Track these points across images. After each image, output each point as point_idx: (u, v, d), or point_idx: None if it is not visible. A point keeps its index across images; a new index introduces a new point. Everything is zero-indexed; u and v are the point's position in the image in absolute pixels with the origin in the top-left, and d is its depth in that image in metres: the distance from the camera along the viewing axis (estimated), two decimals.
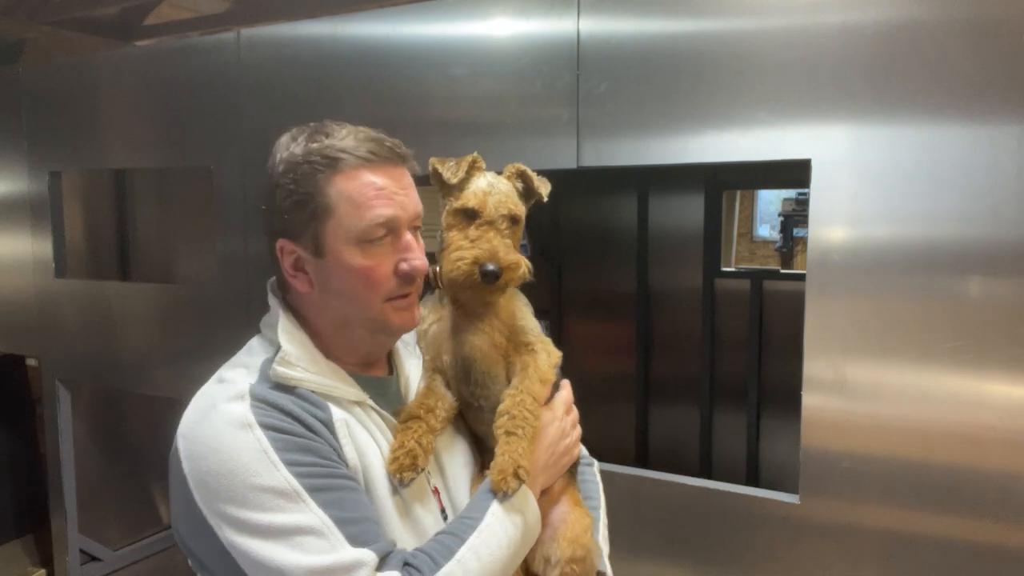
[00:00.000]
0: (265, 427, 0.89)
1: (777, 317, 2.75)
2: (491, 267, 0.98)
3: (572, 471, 1.15)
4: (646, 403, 2.93)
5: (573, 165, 1.67)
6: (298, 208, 0.95)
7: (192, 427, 0.93)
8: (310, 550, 0.85)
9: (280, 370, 0.95)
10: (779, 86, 1.45)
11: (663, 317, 2.93)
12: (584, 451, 1.24)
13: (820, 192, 1.43)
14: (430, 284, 1.06)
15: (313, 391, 0.96)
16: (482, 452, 1.12)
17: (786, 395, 2.67)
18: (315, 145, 0.96)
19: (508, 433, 0.98)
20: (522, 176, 1.10)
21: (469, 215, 1.02)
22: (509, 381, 1.05)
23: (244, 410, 0.90)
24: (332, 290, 0.98)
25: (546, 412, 1.06)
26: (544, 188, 1.11)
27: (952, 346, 1.34)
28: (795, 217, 6.78)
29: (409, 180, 1.00)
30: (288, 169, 0.95)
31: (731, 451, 2.85)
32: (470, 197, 1.03)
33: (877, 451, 1.41)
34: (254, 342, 1.04)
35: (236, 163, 2.14)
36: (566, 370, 1.13)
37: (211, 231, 2.23)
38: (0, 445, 3.29)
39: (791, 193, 6.72)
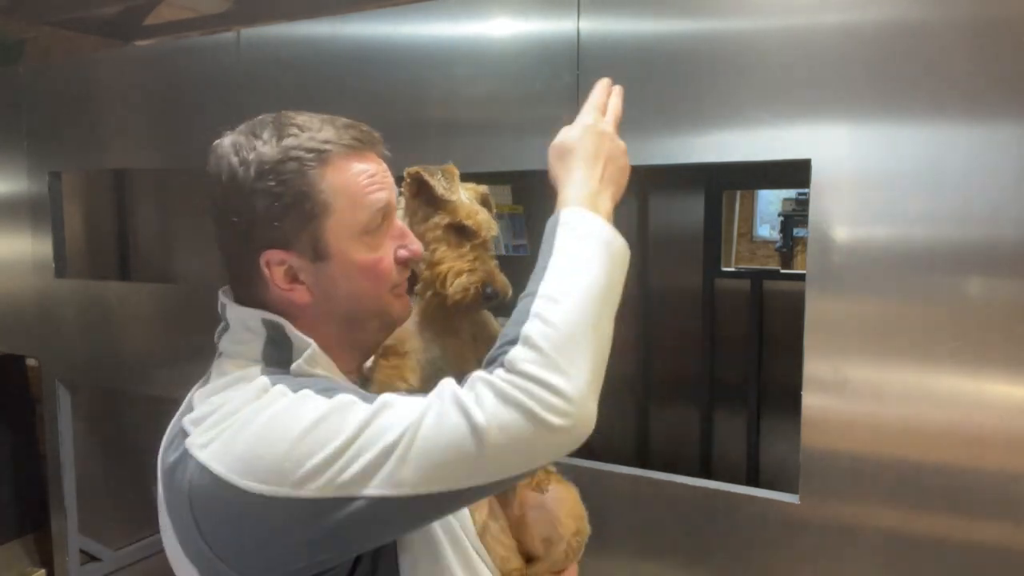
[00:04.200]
0: (299, 386, 0.82)
1: (777, 317, 2.75)
2: (491, 290, 1.00)
3: None
4: (646, 403, 2.94)
5: None
6: (290, 212, 0.86)
7: (219, 442, 0.80)
8: (399, 405, 0.77)
9: (306, 367, 0.87)
10: (779, 86, 1.45)
11: (663, 317, 2.93)
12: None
13: (820, 192, 1.43)
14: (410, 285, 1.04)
15: None
16: None
17: (786, 395, 2.67)
18: (292, 140, 0.86)
19: None
20: (485, 201, 1.10)
21: (462, 232, 1.02)
22: None
23: (272, 382, 0.83)
24: (339, 293, 0.90)
25: (601, 128, 0.93)
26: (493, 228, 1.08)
27: (952, 346, 1.34)
28: (795, 217, 6.77)
29: (382, 164, 0.95)
30: (267, 171, 0.85)
31: (731, 451, 2.85)
32: (468, 215, 1.02)
33: (877, 451, 1.40)
34: (227, 366, 0.91)
35: None
36: None
37: (211, 231, 2.23)
38: (0, 445, 3.29)
39: (791, 193, 6.71)
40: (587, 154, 0.90)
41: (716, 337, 2.83)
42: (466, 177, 1.10)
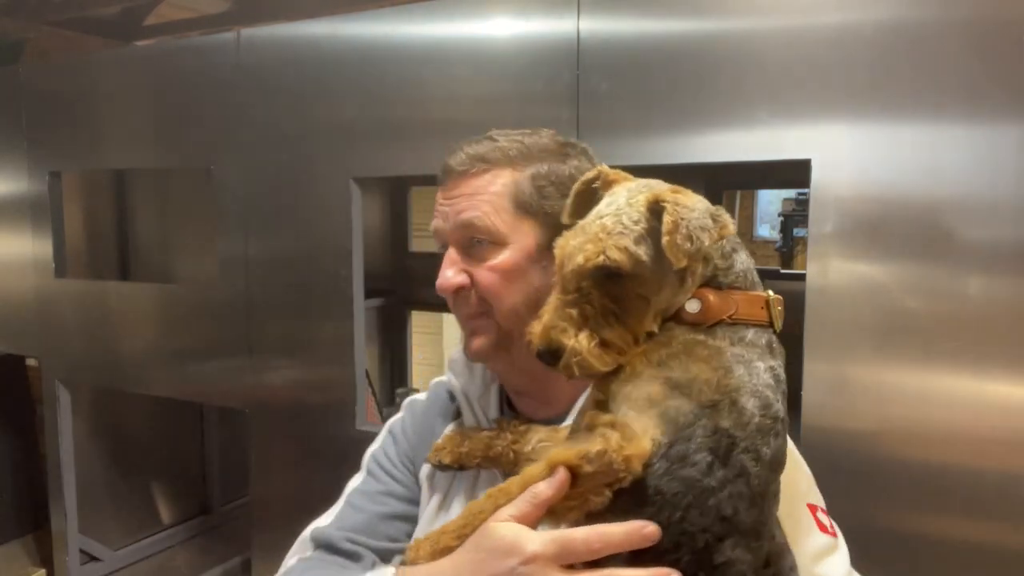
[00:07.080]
0: (388, 430, 1.07)
1: None
2: (541, 348, 0.71)
3: None
4: None
5: None
6: None
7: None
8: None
9: (447, 370, 1.04)
10: (779, 86, 1.45)
11: None
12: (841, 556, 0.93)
13: (820, 192, 1.43)
14: None
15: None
16: None
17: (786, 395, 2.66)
18: None
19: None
20: (656, 211, 0.75)
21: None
22: None
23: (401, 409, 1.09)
24: None
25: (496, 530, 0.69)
26: (688, 245, 0.73)
27: (952, 346, 1.34)
28: (795, 217, 6.77)
29: (469, 188, 0.88)
30: None
31: None
32: (558, 241, 0.75)
33: (877, 451, 1.40)
34: None
35: (236, 163, 2.14)
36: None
37: (211, 231, 2.23)
38: (0, 445, 3.29)
39: (791, 193, 6.71)
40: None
41: None
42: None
